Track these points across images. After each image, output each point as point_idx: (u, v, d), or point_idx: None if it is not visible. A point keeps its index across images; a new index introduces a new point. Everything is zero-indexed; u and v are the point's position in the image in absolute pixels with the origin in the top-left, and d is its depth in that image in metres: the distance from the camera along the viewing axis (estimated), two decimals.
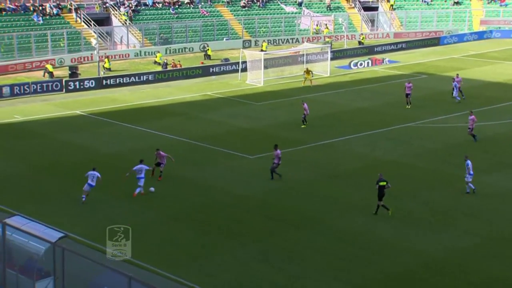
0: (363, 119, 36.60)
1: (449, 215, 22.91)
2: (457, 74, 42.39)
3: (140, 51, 59.27)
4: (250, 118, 37.33)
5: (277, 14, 71.97)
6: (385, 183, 22.93)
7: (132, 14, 64.20)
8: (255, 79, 47.62)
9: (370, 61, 54.93)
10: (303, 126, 34.62)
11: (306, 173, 27.59)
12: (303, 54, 52.12)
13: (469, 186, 24.70)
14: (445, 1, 77.28)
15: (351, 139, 32.71)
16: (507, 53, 60.87)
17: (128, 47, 60.08)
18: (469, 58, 58.24)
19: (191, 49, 61.98)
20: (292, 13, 72.95)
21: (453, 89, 40.57)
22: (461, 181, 25.69)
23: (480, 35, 70.99)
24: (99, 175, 23.68)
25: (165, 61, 52.99)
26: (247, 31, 68.36)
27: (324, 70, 50.88)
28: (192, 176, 27.20)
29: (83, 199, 23.82)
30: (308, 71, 46.06)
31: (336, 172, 27.77)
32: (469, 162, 24.61)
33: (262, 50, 58.22)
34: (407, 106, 38.69)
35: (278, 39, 67.18)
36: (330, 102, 40.97)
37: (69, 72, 48.20)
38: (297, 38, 67.52)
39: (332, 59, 53.71)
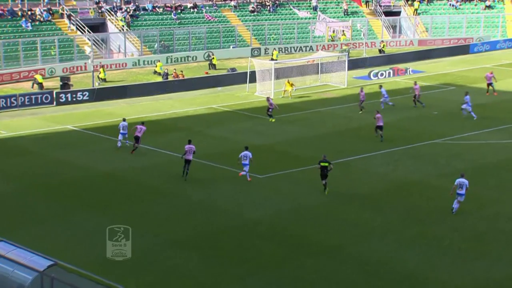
0: (384, 135, 36.67)
1: (481, 242, 22.88)
2: (415, 82, 43.37)
3: (139, 60, 59.80)
4: (259, 134, 37.49)
5: (289, 19, 72.47)
6: (327, 164, 26.55)
7: (130, 19, 64.83)
8: (265, 91, 47.86)
9: (391, 71, 55.13)
10: (271, 120, 38.29)
11: (321, 195, 27.64)
12: (318, 64, 52.40)
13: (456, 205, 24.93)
14: (476, 5, 77.54)
15: (371, 157, 32.79)
16: None
17: (125, 56, 60.63)
18: (502, 68, 58.31)
19: (194, 57, 62.43)
20: (305, 18, 73.44)
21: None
22: (497, 204, 25.64)
23: None
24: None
25: (166, 71, 53.47)
26: (256, 38, 68.80)
27: (341, 81, 51.10)
28: (196, 197, 27.35)
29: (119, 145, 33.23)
30: (291, 84, 46.63)
31: (354, 193, 27.81)
32: (465, 180, 24.65)
33: (272, 59, 58.55)
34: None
35: (290, 47, 67.57)
36: (347, 116, 41.10)
37: (61, 83, 48.66)
38: (311, 46, 67.90)
39: (349, 68, 53.94)
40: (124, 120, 34.58)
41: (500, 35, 74.08)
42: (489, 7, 76.89)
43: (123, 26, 63.45)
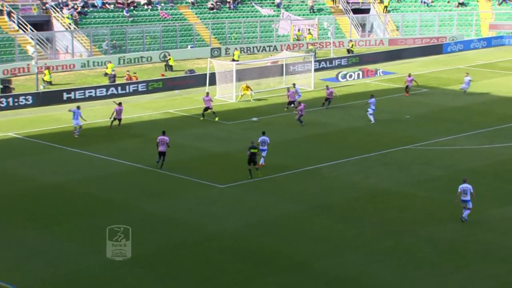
0: (354, 141, 37.03)
1: (457, 254, 23.23)
2: (409, 74, 45.83)
3: (88, 61, 59.27)
4: (220, 140, 37.50)
5: (251, 17, 72.76)
6: (256, 150, 29.49)
7: (77, 17, 64.18)
8: (226, 94, 47.91)
9: (361, 73, 55.77)
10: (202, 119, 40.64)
11: (288, 205, 27.75)
12: (283, 65, 52.68)
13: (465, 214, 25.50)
14: (448, 2, 78.96)
15: (341, 165, 33.07)
16: None
17: (73, 57, 60.05)
18: (476, 69, 59.51)
19: (149, 58, 62.21)
20: (268, 16, 73.80)
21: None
22: (473, 214, 26.09)
23: (489, 42, 72.67)
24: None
25: (113, 72, 52.88)
26: (215, 38, 68.84)
27: (307, 83, 51.47)
28: (152, 210, 27.17)
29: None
30: (247, 87, 47.20)
31: (324, 203, 28.00)
32: (468, 185, 25.20)
33: (233, 60, 58.68)
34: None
35: (253, 47, 67.80)
36: (314, 121, 41.39)
37: (1, 87, 47.90)
38: (275, 46, 68.24)
39: (316, 70, 54.38)
40: (78, 108, 37.97)
41: (474, 34, 75.60)
42: (462, 4, 78.39)
43: (70, 24, 62.78)
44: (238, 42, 68.80)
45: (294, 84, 45.53)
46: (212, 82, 49.43)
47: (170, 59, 59.23)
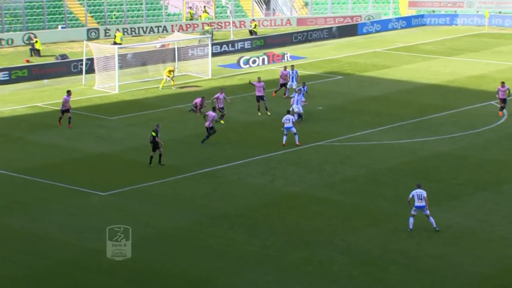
0: (259, 138, 37.29)
1: (376, 266, 23.79)
2: (292, 66, 45.58)
3: None
4: (101, 139, 36.99)
5: None
6: (155, 134, 31.94)
7: None
8: (107, 84, 47.25)
9: (266, 58, 56.23)
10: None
11: (181, 215, 27.66)
12: (174, 48, 52.42)
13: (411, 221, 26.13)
14: None
15: (243, 165, 33.23)
16: (444, 45, 64.70)
17: None
18: (396, 52, 61.24)
19: (10, 41, 60.66)
20: None
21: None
22: (394, 218, 26.80)
23: (409, 22, 74.85)
24: None
25: None
26: (92, 17, 67.73)
27: (204, 71, 51.43)
28: (17, 225, 26.57)
29: None
30: (170, 70, 47.27)
31: (224, 212, 28.05)
32: (423, 191, 25.93)
33: (115, 43, 57.92)
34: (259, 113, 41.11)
35: (138, 28, 67.13)
36: None
37: None
38: (164, 26, 67.80)
39: (214, 54, 54.37)
40: None
41: (392, 12, 77.69)
42: None
43: None
44: (120, 22, 67.88)
45: (292, 66, 45.64)
46: (90, 70, 48.62)
47: (36, 42, 57.88)
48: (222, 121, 38.78)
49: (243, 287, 22.33)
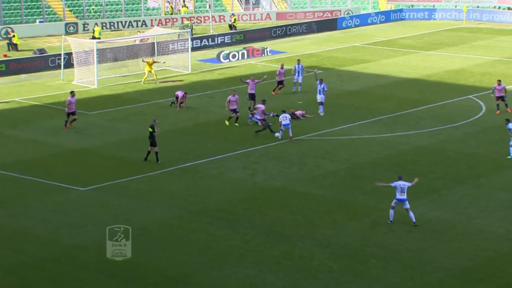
0: (238, 132, 37.29)
1: (356, 260, 23.91)
2: (298, 60, 45.96)
3: None
4: (80, 135, 36.84)
5: None
6: (151, 129, 31.75)
7: None
8: (86, 79, 47.06)
9: (245, 52, 56.25)
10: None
11: (161, 211, 27.63)
12: (154, 43, 52.29)
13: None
14: None
15: (223, 160, 33.23)
16: (423, 39, 65.00)
17: None
18: (375, 47, 61.46)
19: None
20: None
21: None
22: (373, 212, 26.92)
23: (388, 16, 75.19)
24: None
25: None
26: (70, 11, 67.38)
27: (184, 65, 51.35)
28: None
29: None
30: (151, 63, 47.02)
31: (204, 207, 28.05)
32: (406, 183, 26.09)
33: (94, 37, 57.68)
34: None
35: (117, 22, 66.90)
36: (192, 109, 41.35)
37: None
38: (143, 21, 67.63)
39: (193, 49, 54.28)
40: None
41: (371, 7, 77.97)
42: None
43: None
44: (99, 16, 67.60)
45: (298, 61, 45.91)
46: (69, 64, 48.39)
47: (14, 36, 57.49)
48: (227, 122, 38.01)
49: (223, 282, 22.34)
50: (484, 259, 24.11)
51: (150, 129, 32.16)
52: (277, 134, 35.51)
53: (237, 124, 37.83)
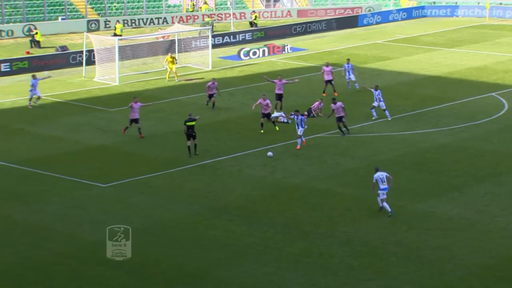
0: (258, 129, 37.27)
1: (376, 257, 23.83)
2: (348, 60, 45.09)
3: None
4: (101, 131, 37.01)
5: None
6: (193, 122, 32.18)
7: None
8: (107, 76, 47.23)
9: (266, 49, 56.20)
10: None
11: (181, 208, 27.69)
12: (175, 40, 52.38)
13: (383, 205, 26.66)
14: None
15: (243, 157, 33.24)
16: (445, 36, 64.59)
17: None
18: (396, 44, 61.16)
19: (10, 32, 60.56)
20: None
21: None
22: (393, 210, 26.80)
23: (410, 13, 74.79)
24: None
25: None
26: (92, 8, 67.65)
27: (204, 62, 51.38)
28: (18, 216, 26.63)
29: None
30: (173, 60, 46.96)
31: (224, 204, 28.08)
32: (383, 173, 26.48)
33: (115, 35, 57.84)
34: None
35: (138, 19, 67.05)
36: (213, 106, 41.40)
37: None
38: (165, 18, 67.76)
39: (214, 46, 54.33)
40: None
41: (392, 4, 77.60)
42: None
43: None
44: (120, 14, 67.80)
45: (348, 60, 45.14)
46: (90, 61, 48.59)
47: (36, 33, 57.80)
48: (276, 128, 36.95)
49: (242, 279, 22.35)
50: (505, 257, 23.94)
51: (193, 122, 32.45)
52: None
53: (277, 129, 36.72)
